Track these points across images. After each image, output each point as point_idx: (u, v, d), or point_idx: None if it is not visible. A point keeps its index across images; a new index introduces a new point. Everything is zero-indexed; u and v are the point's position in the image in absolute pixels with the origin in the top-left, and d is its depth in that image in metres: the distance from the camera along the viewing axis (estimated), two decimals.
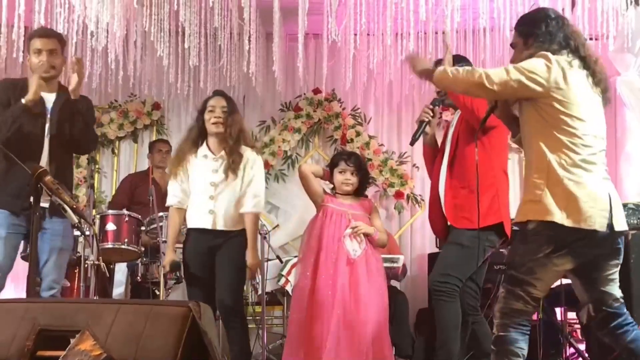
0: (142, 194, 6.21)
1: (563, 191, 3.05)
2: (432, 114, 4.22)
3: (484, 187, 3.87)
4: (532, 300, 3.14)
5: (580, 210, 3.02)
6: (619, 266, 3.23)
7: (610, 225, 3.05)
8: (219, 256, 4.33)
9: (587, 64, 3.21)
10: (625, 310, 3.21)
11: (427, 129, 4.29)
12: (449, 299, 4.02)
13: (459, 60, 4.03)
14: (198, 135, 4.43)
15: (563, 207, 3.03)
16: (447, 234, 4.22)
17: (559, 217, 3.02)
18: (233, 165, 4.30)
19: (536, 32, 3.25)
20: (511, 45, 3.43)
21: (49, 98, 4.18)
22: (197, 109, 4.57)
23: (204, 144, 4.44)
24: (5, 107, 4.06)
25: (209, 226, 4.32)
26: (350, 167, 4.60)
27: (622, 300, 3.21)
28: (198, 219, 4.37)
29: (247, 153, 4.39)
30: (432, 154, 4.44)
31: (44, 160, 4.08)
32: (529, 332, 3.17)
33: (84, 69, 4.26)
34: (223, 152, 4.36)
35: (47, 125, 4.14)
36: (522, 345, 3.13)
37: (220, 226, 4.33)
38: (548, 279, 3.19)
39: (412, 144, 4.28)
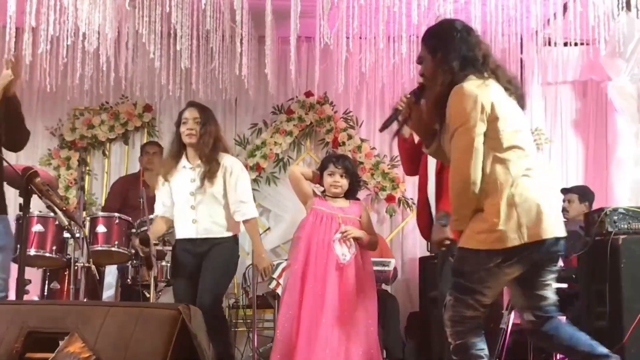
0: (133, 197, 6.20)
1: (511, 209, 3.03)
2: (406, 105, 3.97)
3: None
4: (481, 307, 3.14)
5: (529, 224, 3.02)
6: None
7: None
8: (204, 262, 4.45)
9: (498, 77, 3.21)
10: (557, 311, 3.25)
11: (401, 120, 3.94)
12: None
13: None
14: (178, 148, 4.55)
15: (515, 228, 3.02)
16: None
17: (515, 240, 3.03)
18: (209, 173, 4.40)
19: (445, 46, 3.20)
20: (418, 59, 3.35)
21: None
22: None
23: (183, 155, 4.55)
24: None
25: (193, 235, 4.45)
26: (339, 169, 4.59)
27: (557, 304, 3.23)
28: (182, 229, 4.51)
29: (225, 159, 4.49)
30: (412, 151, 4.25)
31: None
32: (483, 332, 3.17)
33: (21, 68, 4.12)
34: (199, 162, 4.45)
35: None
36: (482, 346, 3.13)
37: (202, 234, 4.45)
38: (497, 287, 3.20)
39: (381, 130, 3.89)
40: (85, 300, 5.20)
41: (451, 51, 3.18)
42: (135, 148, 7.38)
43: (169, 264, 5.65)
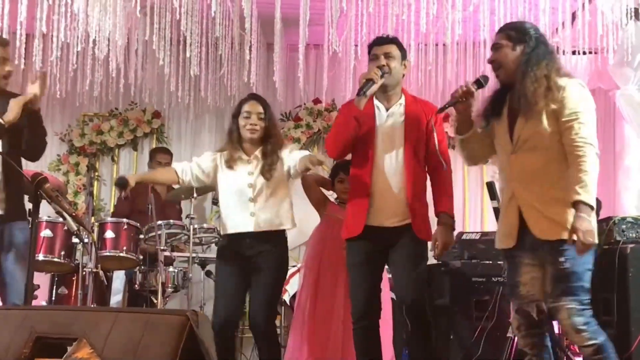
0: (142, 203, 6.21)
1: None
2: (380, 75, 3.82)
3: None
4: None
5: None
6: None
7: None
8: (255, 275, 4.16)
9: None
10: None
11: (368, 91, 3.80)
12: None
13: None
14: (238, 139, 4.25)
15: None
16: None
17: None
18: (270, 166, 4.17)
19: (527, 40, 3.42)
20: (493, 45, 3.53)
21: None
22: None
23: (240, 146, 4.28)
24: None
25: (251, 229, 4.13)
26: (348, 175, 4.59)
27: None
28: (237, 223, 4.16)
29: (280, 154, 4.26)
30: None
31: None
32: None
33: (46, 84, 4.15)
34: (256, 153, 4.22)
35: None
36: None
37: (263, 227, 4.15)
38: None
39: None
40: (93, 305, 5.21)
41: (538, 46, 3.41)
42: (144, 154, 7.41)
43: (177, 270, 5.67)
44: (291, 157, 4.19)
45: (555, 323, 5.56)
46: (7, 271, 3.95)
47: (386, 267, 4.12)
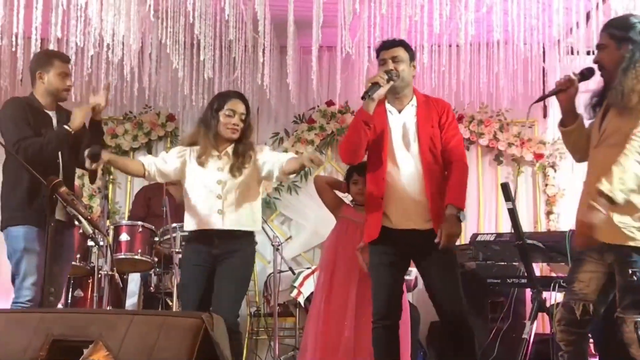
0: (156, 206, 6.24)
1: None
2: (386, 78, 3.83)
3: None
4: None
5: None
6: None
7: None
8: (220, 268, 4.08)
9: None
10: None
11: (375, 95, 3.82)
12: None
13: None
14: (215, 135, 4.13)
15: None
16: None
17: None
18: (242, 163, 4.08)
19: (633, 39, 3.32)
20: (598, 46, 3.46)
21: (53, 116, 4.32)
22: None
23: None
24: (28, 125, 4.15)
25: (218, 226, 4.05)
26: (362, 176, 4.59)
27: None
28: (204, 220, 4.08)
29: (252, 152, 4.19)
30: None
31: (59, 175, 4.14)
32: None
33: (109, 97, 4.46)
34: (227, 150, 4.13)
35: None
36: None
37: (230, 225, 4.06)
38: None
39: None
40: (108, 307, 5.24)
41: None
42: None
43: None
44: (271, 158, 4.12)
45: None
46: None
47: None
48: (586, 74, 3.57)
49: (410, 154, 3.87)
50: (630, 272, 3.18)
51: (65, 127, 4.14)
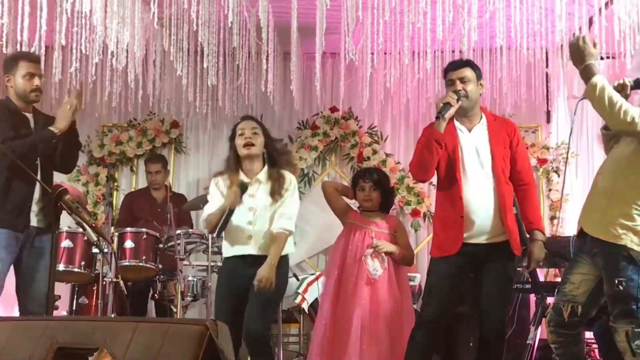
0: (138, 209, 6.27)
1: None
2: (456, 98, 3.93)
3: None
4: None
5: None
6: None
7: None
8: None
9: None
10: None
11: (447, 114, 3.89)
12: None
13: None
14: (235, 162, 4.18)
15: None
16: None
17: None
18: (277, 189, 4.11)
19: None
20: None
21: (30, 118, 4.26)
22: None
23: (239, 170, 4.20)
24: (10, 126, 4.12)
25: (248, 252, 4.09)
26: (368, 182, 4.62)
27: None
28: (235, 246, 4.14)
29: (286, 175, 4.21)
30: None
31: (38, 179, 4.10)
32: None
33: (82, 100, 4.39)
34: (258, 175, 4.15)
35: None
36: None
37: (260, 251, 4.08)
38: None
39: (437, 118, 3.90)
40: (113, 315, 5.25)
41: None
42: None
43: (196, 279, 5.69)
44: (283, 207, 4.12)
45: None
46: (33, 279, 4.13)
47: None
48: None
49: (483, 171, 3.97)
50: (616, 282, 3.19)
51: (52, 129, 4.09)
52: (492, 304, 3.95)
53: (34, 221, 4.07)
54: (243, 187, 4.00)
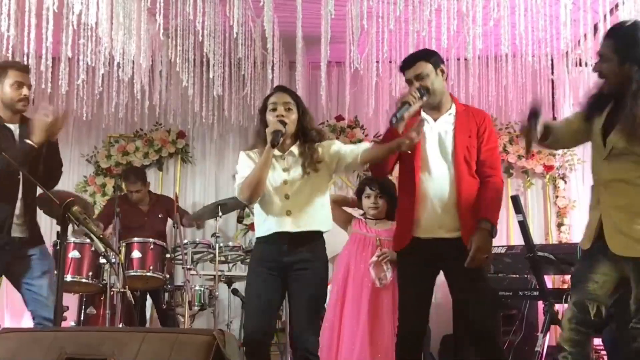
0: (126, 219, 6.15)
1: None
2: (419, 96, 3.69)
3: None
4: None
5: None
6: None
7: None
8: (296, 284, 3.73)
9: None
10: None
11: (406, 114, 3.63)
12: None
13: None
14: (264, 138, 3.73)
15: None
16: None
17: None
18: (311, 161, 3.76)
19: (636, 57, 3.19)
20: (600, 54, 3.31)
21: (15, 129, 4.15)
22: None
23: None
24: None
25: (287, 228, 3.72)
26: (374, 190, 4.61)
27: None
28: (271, 223, 3.75)
29: (318, 148, 3.85)
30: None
31: (19, 194, 4.07)
32: None
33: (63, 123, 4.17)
34: (291, 149, 3.81)
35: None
36: None
37: (300, 227, 3.72)
38: None
39: (391, 124, 3.66)
40: (121, 324, 5.26)
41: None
42: (169, 174, 7.50)
43: (203, 289, 5.70)
44: (343, 148, 3.82)
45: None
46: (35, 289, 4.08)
47: None
48: (535, 115, 3.36)
49: (444, 162, 3.79)
50: None
51: (29, 142, 3.94)
52: (468, 310, 3.77)
53: (16, 232, 4.03)
54: (279, 133, 3.65)
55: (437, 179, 3.79)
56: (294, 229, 3.70)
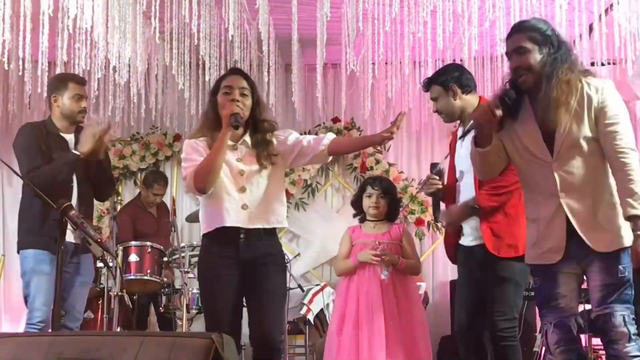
0: (140, 227, 6.26)
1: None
2: (438, 181, 4.08)
3: (520, 210, 3.71)
4: None
5: None
6: None
7: None
8: (259, 279, 3.51)
9: None
10: None
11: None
12: (516, 342, 3.91)
13: None
14: (215, 122, 3.52)
15: None
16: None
17: None
18: (267, 151, 3.55)
19: (552, 42, 3.19)
20: (519, 49, 3.24)
21: (70, 139, 4.29)
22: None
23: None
24: (41, 152, 4.16)
25: (242, 224, 3.48)
26: (376, 190, 4.58)
27: None
28: (224, 217, 3.48)
29: (273, 139, 3.63)
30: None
31: (74, 201, 4.17)
32: None
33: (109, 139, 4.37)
34: (245, 138, 3.59)
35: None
36: None
37: (255, 223, 3.51)
38: None
39: (436, 220, 4.13)
40: (119, 328, 5.25)
41: (560, 46, 3.19)
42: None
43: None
44: (306, 142, 3.58)
45: (582, 337, 5.54)
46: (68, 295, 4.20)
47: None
48: (508, 97, 3.26)
49: (470, 175, 3.92)
50: (620, 268, 3.11)
51: (75, 152, 4.13)
52: (489, 304, 3.88)
53: (70, 237, 4.09)
54: (236, 119, 3.42)
55: (467, 191, 3.97)
56: (250, 224, 3.47)
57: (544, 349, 4.92)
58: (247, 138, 3.58)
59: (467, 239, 4.00)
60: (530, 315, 5.91)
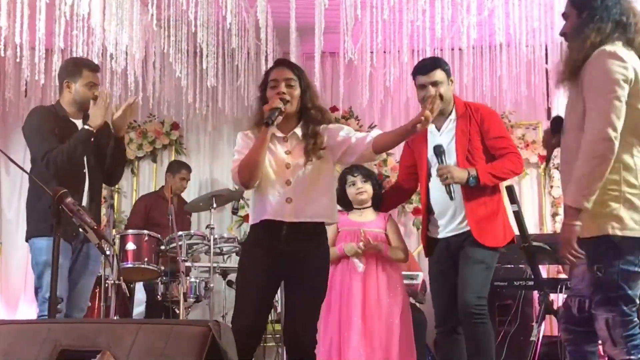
0: (157, 216, 6.27)
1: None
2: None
3: (500, 201, 4.07)
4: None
5: None
6: None
7: None
8: (300, 274, 3.46)
9: (634, 46, 3.01)
10: None
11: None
12: (487, 320, 3.97)
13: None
14: (262, 116, 3.42)
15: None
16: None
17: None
18: (315, 146, 3.45)
19: (593, 5, 3.03)
20: (563, 15, 3.20)
21: (79, 124, 4.25)
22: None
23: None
24: (54, 135, 4.13)
25: (287, 218, 3.42)
26: (357, 176, 4.53)
27: None
28: (269, 210, 3.43)
29: (324, 132, 3.53)
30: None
31: (86, 188, 4.17)
32: None
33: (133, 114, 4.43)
34: (295, 130, 3.51)
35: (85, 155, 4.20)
36: None
37: (300, 217, 3.43)
38: None
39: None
40: (116, 317, 5.25)
41: (599, 11, 3.02)
42: (163, 166, 7.44)
43: (198, 280, 5.69)
44: (354, 140, 3.48)
45: None
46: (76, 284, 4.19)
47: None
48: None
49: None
50: (595, 267, 2.98)
51: (86, 127, 4.10)
52: (460, 284, 3.98)
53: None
54: (277, 111, 3.35)
55: (441, 186, 4.00)
56: (294, 218, 3.40)
57: (540, 338, 4.93)
58: (298, 130, 3.51)
59: (444, 231, 4.10)
60: (526, 305, 5.91)
